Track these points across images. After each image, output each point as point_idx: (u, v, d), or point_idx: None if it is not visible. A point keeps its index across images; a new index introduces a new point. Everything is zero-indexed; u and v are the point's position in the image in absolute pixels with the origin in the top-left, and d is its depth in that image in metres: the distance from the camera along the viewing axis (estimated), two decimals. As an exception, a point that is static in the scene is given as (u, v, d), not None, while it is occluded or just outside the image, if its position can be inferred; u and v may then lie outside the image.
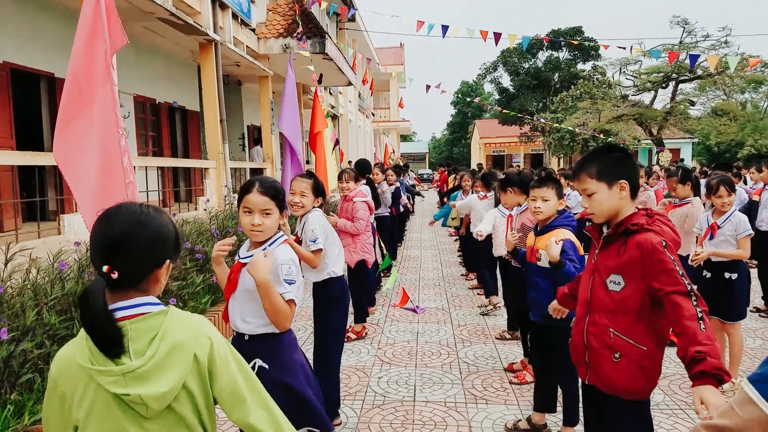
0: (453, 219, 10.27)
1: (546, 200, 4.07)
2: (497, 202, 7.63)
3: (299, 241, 4.18)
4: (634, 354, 2.59)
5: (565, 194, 4.34)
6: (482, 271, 7.78)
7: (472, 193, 9.81)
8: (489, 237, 7.00)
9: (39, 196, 9.28)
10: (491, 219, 6.64)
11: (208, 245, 6.67)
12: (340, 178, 6.50)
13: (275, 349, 2.79)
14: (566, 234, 4.00)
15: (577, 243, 4.00)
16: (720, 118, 32.46)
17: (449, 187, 16.54)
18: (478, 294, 8.49)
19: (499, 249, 6.46)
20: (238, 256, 2.89)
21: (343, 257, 4.43)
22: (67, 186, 8.70)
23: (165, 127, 14.31)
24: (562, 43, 48.25)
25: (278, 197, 2.80)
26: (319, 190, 4.15)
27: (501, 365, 5.53)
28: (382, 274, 9.43)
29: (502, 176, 5.57)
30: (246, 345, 2.79)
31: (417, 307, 7.67)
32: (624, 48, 13.42)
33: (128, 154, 4.06)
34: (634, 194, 2.70)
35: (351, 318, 6.47)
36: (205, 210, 9.78)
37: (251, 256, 2.76)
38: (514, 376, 5.15)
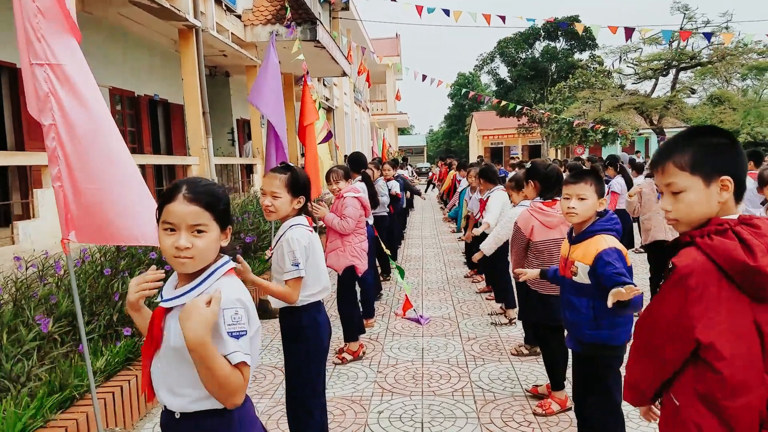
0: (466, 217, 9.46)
1: (583, 199, 3.27)
2: None
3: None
4: (668, 405, 1.89)
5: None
6: (503, 279, 6.76)
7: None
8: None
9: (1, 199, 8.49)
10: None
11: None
12: (327, 179, 5.67)
13: None
14: (610, 241, 3.20)
15: (625, 251, 3.20)
16: (720, 105, 31.72)
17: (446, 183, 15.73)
18: (487, 299, 7.66)
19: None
20: (161, 296, 1.99)
21: (323, 280, 3.39)
22: (31, 189, 7.91)
23: (145, 122, 13.44)
24: (560, 33, 47.64)
25: (216, 206, 1.91)
26: (297, 187, 3.19)
27: (521, 389, 4.70)
28: (381, 278, 8.61)
29: (529, 165, 4.73)
30: (177, 427, 1.91)
31: (421, 316, 6.82)
32: (633, 28, 12.39)
33: (56, 150, 3.18)
34: (738, 196, 1.86)
35: (343, 329, 5.65)
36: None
37: (181, 296, 1.91)
38: (537, 405, 4.31)
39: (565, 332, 3.47)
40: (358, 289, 6.07)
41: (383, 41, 43.22)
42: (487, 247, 5.85)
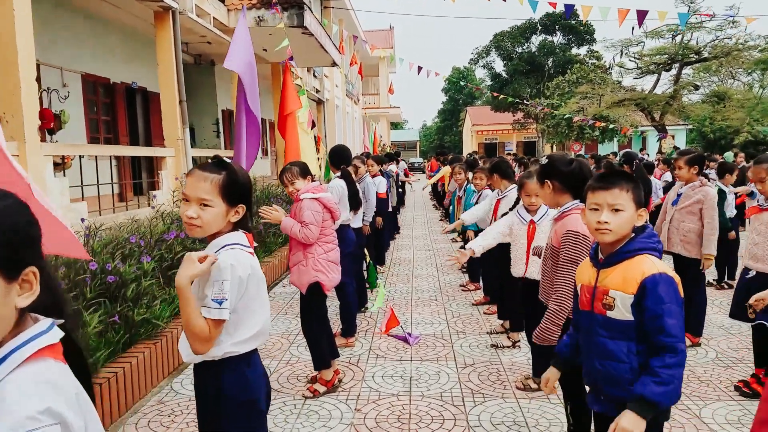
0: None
1: (618, 210, 2.41)
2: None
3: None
4: None
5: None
6: (509, 294, 5.79)
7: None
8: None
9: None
10: (503, 227, 4.95)
11: (128, 262, 4.98)
12: (282, 180, 4.79)
13: None
14: (656, 264, 2.37)
15: (677, 278, 2.37)
16: (721, 102, 31.02)
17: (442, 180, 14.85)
18: (485, 313, 6.84)
19: (518, 266, 4.82)
20: None
21: (260, 322, 2.37)
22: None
23: (121, 111, 12.59)
24: (557, 27, 46.95)
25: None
26: (235, 193, 2.27)
27: (530, 438, 3.89)
28: (367, 285, 7.76)
29: (544, 161, 3.71)
30: None
31: (409, 334, 5.99)
32: (646, 11, 11.42)
33: None
34: None
35: (312, 357, 4.81)
36: (152, 207, 8.12)
37: None
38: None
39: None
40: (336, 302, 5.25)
41: (377, 33, 42.32)
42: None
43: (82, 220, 5.29)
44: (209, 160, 2.30)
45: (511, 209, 5.30)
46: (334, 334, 5.45)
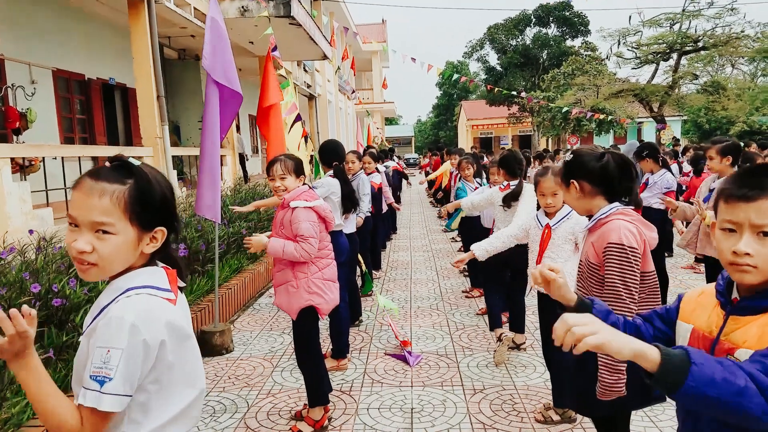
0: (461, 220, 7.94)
1: None
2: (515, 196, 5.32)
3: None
4: None
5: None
6: (490, 297, 5.39)
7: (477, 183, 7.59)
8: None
9: None
10: (518, 230, 4.26)
11: (82, 280, 4.29)
12: (269, 171, 4.04)
13: None
14: None
15: None
16: (716, 93, 30.42)
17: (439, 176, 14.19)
18: (491, 324, 6.18)
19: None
20: None
21: (185, 398, 1.59)
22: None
23: (98, 109, 11.89)
24: (551, 18, 46.50)
25: None
26: (149, 210, 1.53)
27: (557, 487, 3.21)
28: (360, 293, 7.08)
29: (568, 158, 2.87)
30: None
31: (409, 353, 5.29)
32: None
33: None
34: None
35: (306, 391, 4.11)
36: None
37: None
38: None
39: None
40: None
41: (369, 27, 41.67)
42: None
43: (31, 231, 4.59)
44: (106, 162, 1.59)
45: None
46: (324, 355, 4.79)
